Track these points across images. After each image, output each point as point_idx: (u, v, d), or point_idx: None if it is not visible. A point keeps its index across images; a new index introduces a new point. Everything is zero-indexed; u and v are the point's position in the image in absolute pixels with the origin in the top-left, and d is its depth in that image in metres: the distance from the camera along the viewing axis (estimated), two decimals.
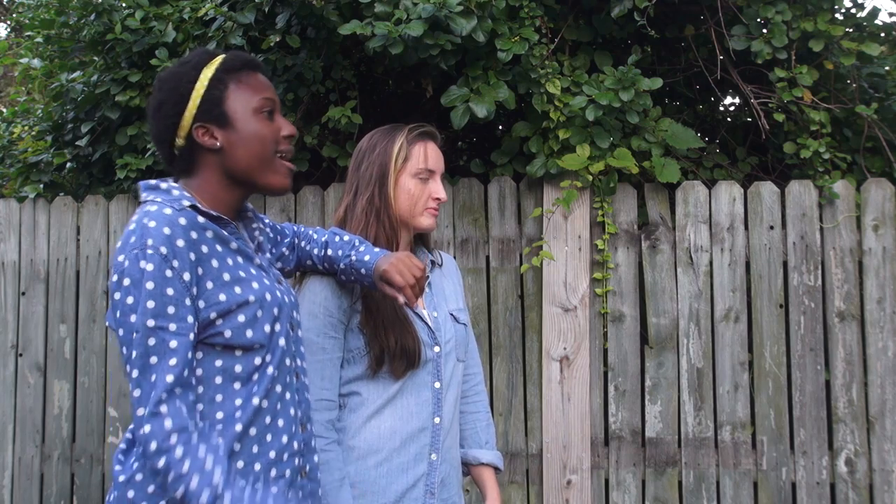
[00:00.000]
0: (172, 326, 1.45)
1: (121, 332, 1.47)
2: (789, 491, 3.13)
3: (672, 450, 3.17)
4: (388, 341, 1.86)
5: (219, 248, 1.56)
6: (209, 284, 1.51)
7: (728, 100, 4.10)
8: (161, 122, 1.61)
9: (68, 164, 3.94)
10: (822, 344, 3.17)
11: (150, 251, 1.45)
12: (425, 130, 2.02)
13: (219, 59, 1.64)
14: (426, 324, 1.94)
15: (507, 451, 3.22)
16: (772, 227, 3.21)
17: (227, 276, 1.54)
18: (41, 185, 3.90)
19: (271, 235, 1.86)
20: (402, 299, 1.75)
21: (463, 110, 3.09)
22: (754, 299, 3.21)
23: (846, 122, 3.51)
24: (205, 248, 1.52)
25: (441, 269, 2.08)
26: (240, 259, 1.59)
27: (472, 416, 2.10)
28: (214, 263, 1.53)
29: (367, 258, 1.82)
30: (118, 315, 1.46)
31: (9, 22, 6.26)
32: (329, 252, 1.88)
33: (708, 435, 3.16)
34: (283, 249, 1.90)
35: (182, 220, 1.50)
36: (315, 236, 1.92)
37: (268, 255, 1.77)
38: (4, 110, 4.88)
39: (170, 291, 1.45)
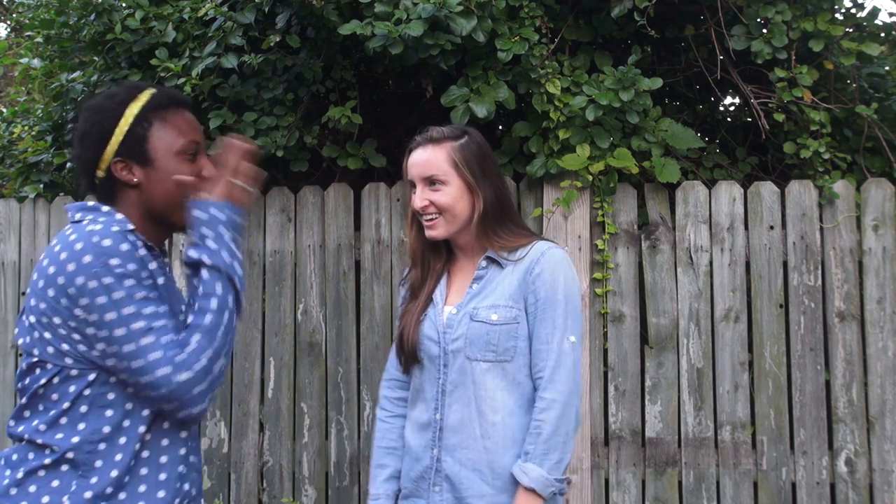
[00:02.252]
0: (151, 294, 1.53)
1: (102, 329, 1.49)
2: (789, 491, 3.13)
3: (672, 450, 3.17)
4: (398, 337, 2.01)
5: (159, 278, 1.60)
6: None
7: (728, 100, 4.11)
8: (84, 151, 1.64)
9: (68, 164, 3.94)
10: (822, 344, 3.17)
11: (117, 269, 1.48)
12: (414, 138, 2.03)
13: (146, 94, 1.65)
14: (439, 321, 1.96)
15: None
16: (772, 227, 3.21)
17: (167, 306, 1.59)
18: (41, 185, 3.90)
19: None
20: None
21: (463, 110, 3.09)
22: (754, 299, 3.21)
23: (846, 122, 3.51)
24: (151, 265, 1.57)
25: (515, 264, 1.95)
26: (165, 291, 1.62)
27: (532, 422, 1.90)
28: (160, 281, 1.59)
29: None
30: (96, 316, 1.48)
31: (9, 22, 6.26)
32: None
33: (708, 435, 3.16)
34: None
35: (131, 238, 1.54)
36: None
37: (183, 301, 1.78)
38: (4, 110, 4.88)
39: (139, 295, 1.50)
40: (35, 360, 1.55)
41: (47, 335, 1.52)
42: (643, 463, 3.18)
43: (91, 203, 1.62)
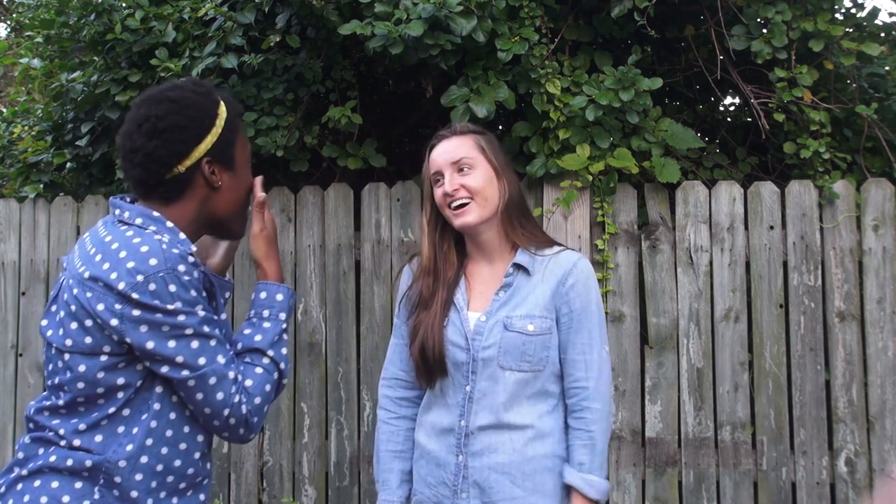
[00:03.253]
0: (212, 319, 1.55)
1: (165, 353, 1.49)
2: (789, 491, 3.13)
3: (672, 450, 3.17)
4: (414, 349, 1.96)
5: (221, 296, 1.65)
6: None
7: (728, 100, 4.11)
8: (171, 144, 1.55)
9: (68, 164, 3.94)
10: (822, 344, 3.17)
11: (185, 277, 1.49)
12: (440, 133, 2.04)
13: (221, 98, 1.65)
14: (466, 327, 1.93)
15: None
16: (772, 227, 3.21)
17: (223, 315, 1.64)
18: (41, 185, 3.90)
19: None
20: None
21: (463, 110, 3.09)
22: (754, 299, 3.21)
23: (846, 122, 3.51)
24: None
25: (542, 274, 1.95)
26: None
27: (573, 432, 1.93)
28: (225, 294, 1.66)
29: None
30: (156, 336, 1.49)
31: (9, 22, 6.26)
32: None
33: (708, 435, 3.16)
34: None
35: (190, 259, 1.54)
36: None
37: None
38: (4, 110, 4.88)
39: (199, 307, 1.52)
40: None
41: None
42: (643, 463, 3.18)
43: (156, 214, 1.57)
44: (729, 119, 4.13)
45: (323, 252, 3.44)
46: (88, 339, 1.48)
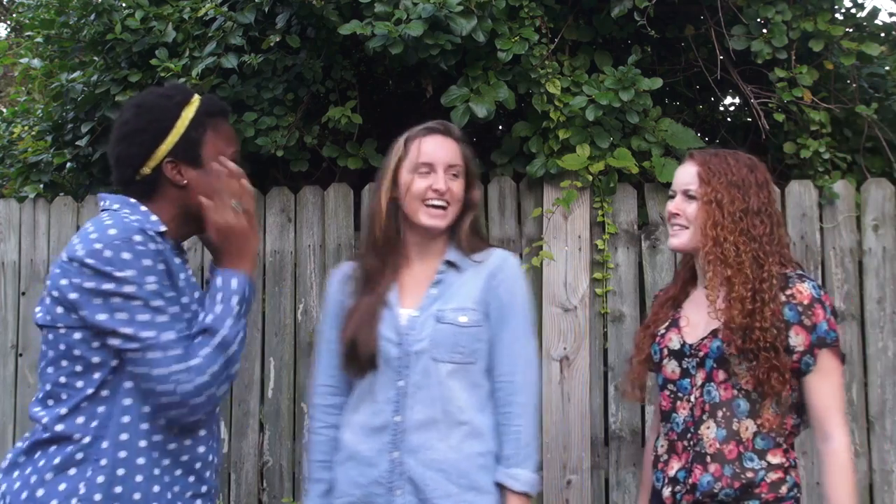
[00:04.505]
0: (169, 294, 1.61)
1: (113, 325, 1.55)
2: None
3: None
4: (347, 339, 1.95)
5: (181, 275, 1.68)
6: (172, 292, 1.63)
7: (728, 100, 4.11)
8: (130, 147, 1.67)
9: (68, 164, 3.94)
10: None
11: (139, 247, 1.56)
12: (428, 126, 2.06)
13: (197, 99, 1.71)
14: (396, 323, 1.96)
15: None
16: None
17: (185, 299, 1.67)
18: (41, 185, 3.90)
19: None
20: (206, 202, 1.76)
21: (463, 110, 3.09)
22: None
23: (846, 122, 3.51)
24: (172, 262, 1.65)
25: (477, 268, 2.01)
26: (187, 287, 1.70)
27: (501, 427, 1.97)
28: (182, 276, 1.67)
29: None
30: (108, 300, 1.54)
31: (9, 22, 6.26)
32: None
33: None
34: None
35: (158, 241, 1.62)
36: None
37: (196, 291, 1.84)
38: (4, 110, 4.88)
39: (161, 267, 1.59)
40: None
41: None
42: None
43: (132, 200, 1.68)
44: (729, 119, 4.13)
45: (323, 252, 3.44)
46: (60, 314, 1.58)
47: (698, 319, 2.01)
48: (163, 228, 1.65)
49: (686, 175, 2.04)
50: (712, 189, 1.97)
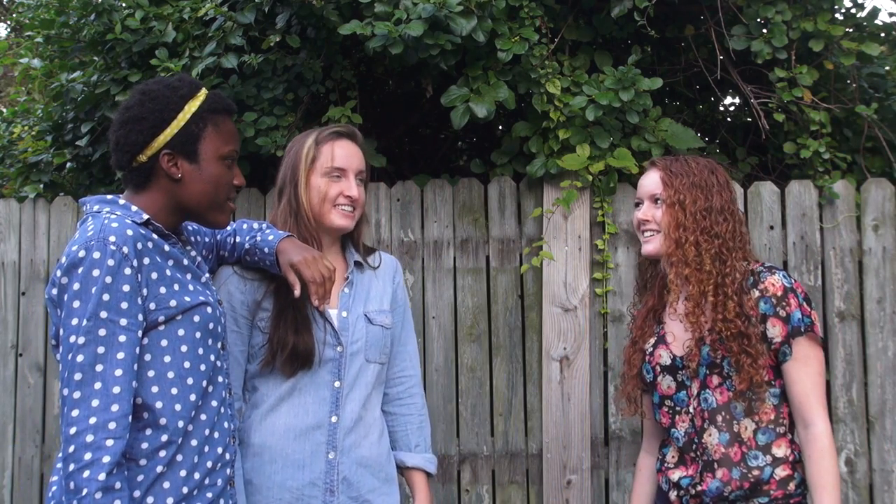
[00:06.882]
0: (123, 321, 1.52)
1: (63, 329, 1.52)
2: None
3: None
4: (284, 339, 1.92)
5: (170, 263, 1.65)
6: (162, 289, 1.61)
7: (728, 100, 4.11)
8: (132, 134, 1.67)
9: (68, 164, 3.94)
10: (822, 344, 3.16)
11: (111, 247, 1.53)
12: (336, 130, 2.09)
13: (203, 94, 1.72)
14: (330, 323, 1.97)
15: (507, 451, 3.22)
16: (772, 227, 3.21)
17: (176, 286, 1.64)
18: (41, 185, 3.89)
19: (207, 240, 1.97)
20: (298, 292, 1.82)
21: (463, 110, 3.09)
22: None
23: (846, 122, 3.51)
24: (158, 259, 1.62)
25: (375, 270, 2.12)
26: (188, 276, 1.69)
27: (403, 418, 2.13)
28: (168, 273, 1.63)
29: (270, 237, 1.90)
30: (65, 306, 1.52)
31: (9, 22, 6.26)
32: (237, 239, 1.97)
33: None
34: (210, 253, 2.00)
35: (142, 231, 1.61)
36: (228, 229, 1.99)
37: (206, 273, 1.83)
38: (4, 110, 4.88)
39: (125, 288, 1.53)
40: None
41: None
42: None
43: (110, 197, 1.68)
44: (729, 119, 4.13)
45: None
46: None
47: (681, 331, 2.03)
48: (145, 217, 1.65)
49: (650, 182, 2.09)
50: (675, 191, 2.02)
